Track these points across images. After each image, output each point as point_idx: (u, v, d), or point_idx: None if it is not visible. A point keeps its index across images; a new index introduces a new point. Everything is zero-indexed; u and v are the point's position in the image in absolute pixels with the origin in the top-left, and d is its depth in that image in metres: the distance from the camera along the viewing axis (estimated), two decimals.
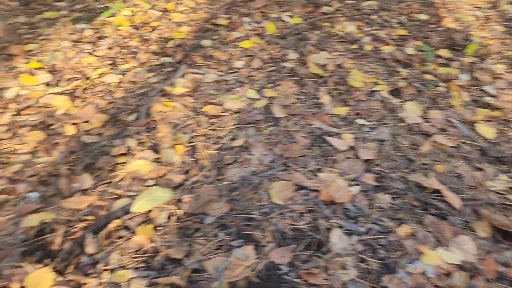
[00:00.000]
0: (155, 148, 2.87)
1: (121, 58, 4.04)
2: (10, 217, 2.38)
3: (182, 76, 3.69)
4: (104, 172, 2.71)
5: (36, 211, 2.42)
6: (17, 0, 5.48)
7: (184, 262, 2.09)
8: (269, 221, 2.30)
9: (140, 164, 2.71)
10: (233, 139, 2.97)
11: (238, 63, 3.98)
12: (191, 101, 3.39)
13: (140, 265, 2.08)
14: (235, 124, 3.11)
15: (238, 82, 3.69)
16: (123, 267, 2.08)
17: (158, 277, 2.02)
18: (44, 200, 2.50)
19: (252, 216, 2.33)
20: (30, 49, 4.15)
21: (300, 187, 2.52)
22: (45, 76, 3.68)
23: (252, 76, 3.78)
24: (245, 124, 3.11)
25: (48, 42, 4.31)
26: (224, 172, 2.66)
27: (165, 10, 5.21)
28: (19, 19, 4.87)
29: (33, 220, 2.34)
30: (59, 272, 2.03)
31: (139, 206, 2.36)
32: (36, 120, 3.17)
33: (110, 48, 4.22)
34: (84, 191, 2.57)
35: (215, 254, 2.13)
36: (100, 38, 4.46)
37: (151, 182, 2.61)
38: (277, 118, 3.15)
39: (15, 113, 3.23)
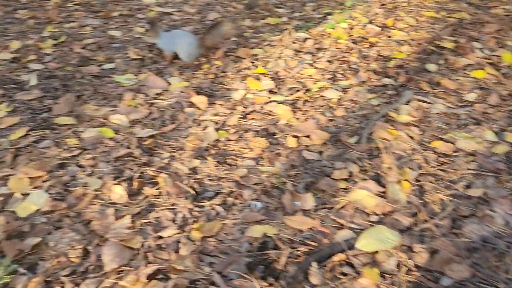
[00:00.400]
0: (378, 180, 2.68)
1: (341, 74, 3.96)
2: (236, 222, 2.45)
3: (407, 102, 3.44)
4: (325, 195, 2.63)
5: (259, 222, 2.45)
6: (242, 4, 5.89)
7: None
8: None
9: (363, 194, 2.55)
10: (468, 186, 2.62)
11: (471, 96, 3.55)
12: (417, 132, 3.12)
13: None
14: (470, 169, 2.74)
15: (472, 118, 3.27)
16: None
17: None
18: (267, 212, 2.52)
19: None
20: (255, 54, 4.37)
21: None
22: (268, 83, 3.80)
23: (488, 113, 3.32)
24: (483, 171, 2.71)
25: (271, 49, 4.48)
26: (461, 226, 2.33)
27: (384, 26, 5.00)
28: (245, 22, 5.20)
29: (257, 231, 2.38)
30: None
31: (365, 244, 2.20)
32: (260, 126, 3.27)
33: (330, 62, 4.18)
34: (305, 212, 2.52)
35: None
36: (319, 49, 4.47)
37: (374, 218, 2.44)
38: None
39: (241, 116, 3.38)
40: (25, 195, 2.56)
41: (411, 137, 3.04)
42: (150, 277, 2.11)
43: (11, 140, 2.99)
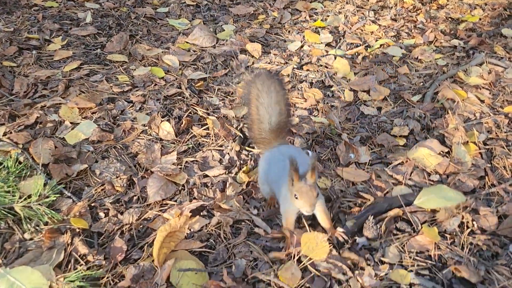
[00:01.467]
0: (442, 140, 2.47)
1: (406, 32, 3.69)
2: None
3: (479, 65, 3.15)
4: (382, 151, 2.45)
5: None
6: None
7: None
8: None
9: (424, 153, 2.35)
10: None
11: None
12: (488, 95, 2.85)
13: (423, 272, 1.76)
14: None
15: None
16: (403, 267, 1.79)
17: None
18: (319, 161, 2.38)
19: None
20: (314, 8, 4.15)
21: None
22: (327, 36, 3.60)
23: None
24: None
25: (331, 4, 4.25)
26: None
27: None
28: None
29: None
30: (334, 246, 1.86)
31: (425, 201, 2.02)
32: (315, 78, 3.10)
33: (394, 20, 3.91)
34: (359, 165, 2.36)
35: None
36: (383, 7, 4.19)
37: (436, 177, 2.24)
38: None
39: (296, 66, 3.22)
40: (75, 124, 2.54)
41: (481, 100, 2.79)
42: (194, 212, 2.03)
43: (64, 72, 2.97)
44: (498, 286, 1.70)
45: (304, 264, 1.78)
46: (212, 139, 2.50)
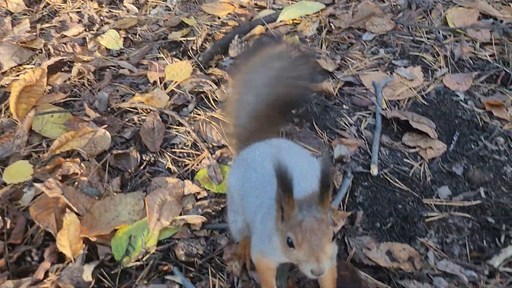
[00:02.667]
0: None
1: None
2: (150, 18, 2.24)
3: None
4: None
5: (176, 14, 2.24)
6: None
7: (336, 74, 1.77)
8: (443, 46, 1.84)
9: None
10: None
11: None
12: None
13: None
14: None
15: None
16: None
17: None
18: (183, 5, 2.30)
19: (420, 39, 1.89)
20: None
21: (485, 16, 1.98)
22: None
23: None
24: None
25: None
26: None
27: None
28: None
29: (175, 20, 2.18)
30: (200, 67, 1.86)
31: (287, 15, 2.05)
32: None
33: None
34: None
35: (373, 70, 1.77)
36: None
37: None
38: None
39: None
40: None
41: None
42: (54, 69, 1.92)
43: None
44: (352, 68, 1.80)
45: (170, 88, 1.78)
46: (69, 3, 2.32)
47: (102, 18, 2.22)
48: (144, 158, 1.51)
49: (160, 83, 1.80)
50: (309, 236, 0.83)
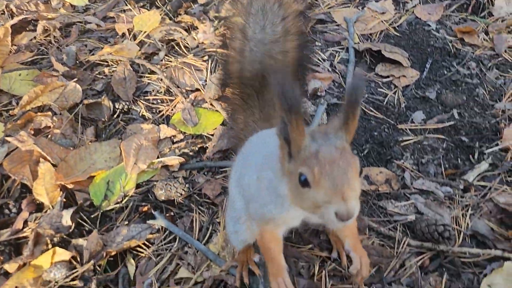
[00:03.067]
0: None
1: None
2: None
3: None
4: None
5: None
6: None
7: (307, 13, 1.74)
8: None
9: None
10: None
11: None
12: None
13: None
14: None
15: None
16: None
17: None
18: None
19: None
20: None
21: None
22: None
23: None
24: None
25: None
26: None
27: None
28: None
29: None
30: (169, 16, 1.82)
31: None
32: None
33: None
34: None
35: (345, 6, 1.75)
36: None
37: None
38: None
39: None
40: None
41: None
42: (18, 29, 1.86)
43: None
44: (324, 6, 1.77)
45: (139, 38, 1.74)
46: None
47: None
48: (117, 107, 1.48)
49: (129, 34, 1.76)
50: (329, 168, 0.63)
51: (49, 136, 1.40)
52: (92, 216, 1.21)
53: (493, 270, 1.02)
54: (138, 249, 1.14)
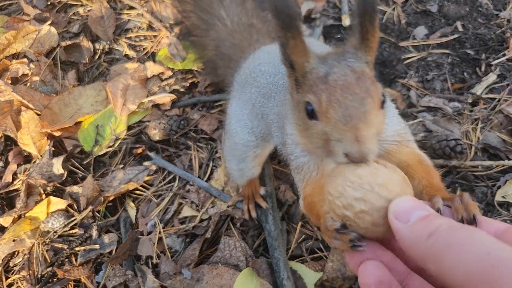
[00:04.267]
0: None
1: None
2: None
3: None
4: None
5: None
6: None
7: None
8: None
9: None
10: None
11: None
12: None
13: None
14: None
15: None
16: None
17: None
18: None
19: None
20: None
21: None
22: None
23: None
24: None
25: None
26: None
27: None
28: None
29: None
30: None
31: None
32: None
33: None
34: None
35: None
36: None
37: None
38: None
39: None
40: None
41: None
42: None
43: None
44: None
45: None
46: None
47: None
48: (97, 47, 1.38)
49: None
50: (341, 95, 0.50)
51: (28, 84, 1.31)
52: (85, 162, 1.15)
53: (507, 181, 0.99)
54: (137, 192, 1.09)
